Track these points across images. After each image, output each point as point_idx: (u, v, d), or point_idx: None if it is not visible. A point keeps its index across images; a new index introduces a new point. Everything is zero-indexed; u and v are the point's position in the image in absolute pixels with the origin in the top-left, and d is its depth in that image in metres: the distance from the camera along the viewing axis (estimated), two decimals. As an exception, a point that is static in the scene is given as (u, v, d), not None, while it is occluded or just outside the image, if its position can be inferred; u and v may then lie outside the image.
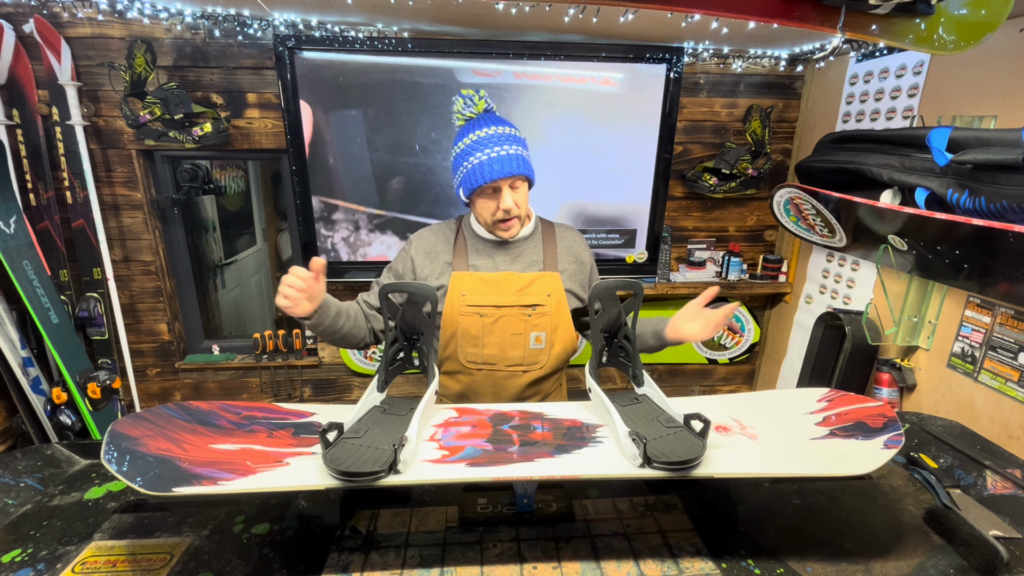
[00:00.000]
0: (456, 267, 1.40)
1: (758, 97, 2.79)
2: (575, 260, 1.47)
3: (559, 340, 1.43)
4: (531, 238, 1.45)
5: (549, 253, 1.44)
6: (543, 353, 1.42)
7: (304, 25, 2.31)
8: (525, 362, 1.42)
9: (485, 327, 1.38)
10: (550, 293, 1.40)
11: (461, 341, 1.40)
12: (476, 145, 1.30)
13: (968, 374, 1.84)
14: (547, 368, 1.44)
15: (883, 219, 1.78)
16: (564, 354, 1.46)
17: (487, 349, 1.40)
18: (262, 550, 1.00)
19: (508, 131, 1.32)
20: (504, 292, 1.38)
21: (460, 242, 1.44)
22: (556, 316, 1.41)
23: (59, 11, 2.32)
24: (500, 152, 1.28)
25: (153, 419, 1.03)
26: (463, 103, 1.35)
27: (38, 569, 0.94)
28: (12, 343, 2.31)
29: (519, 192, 1.34)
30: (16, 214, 2.30)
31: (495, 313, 1.38)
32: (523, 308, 1.38)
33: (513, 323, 1.39)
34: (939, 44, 1.45)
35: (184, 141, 2.38)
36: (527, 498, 1.11)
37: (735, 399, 1.30)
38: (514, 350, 1.40)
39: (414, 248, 1.44)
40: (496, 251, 1.43)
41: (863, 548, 1.01)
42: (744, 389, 3.40)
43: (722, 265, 2.91)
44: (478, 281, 1.39)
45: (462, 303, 1.38)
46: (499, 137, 1.30)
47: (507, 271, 1.41)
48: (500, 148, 1.28)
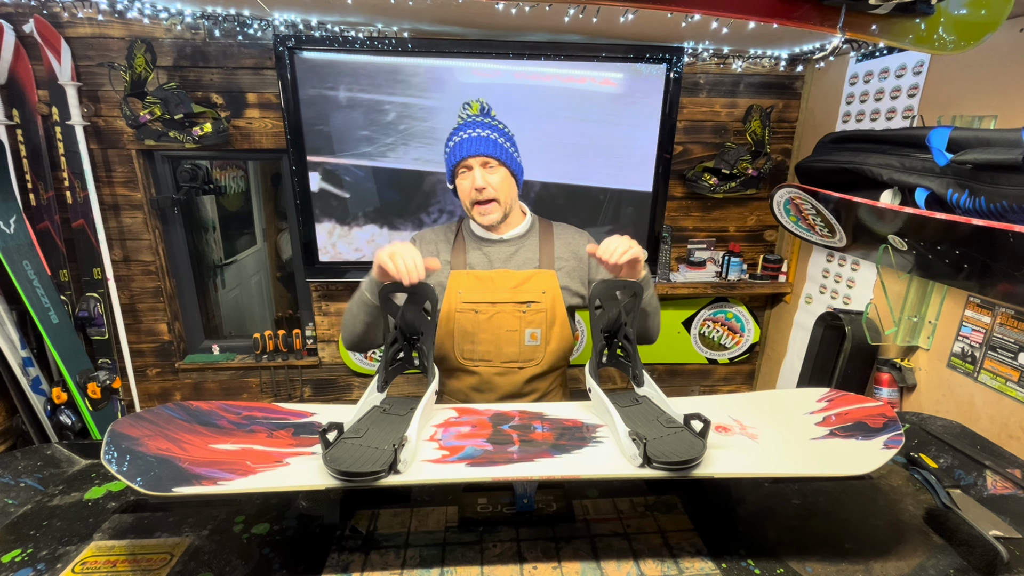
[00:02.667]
0: (454, 266, 1.43)
1: (758, 97, 2.79)
2: (573, 256, 1.47)
3: (555, 337, 1.43)
4: (527, 236, 1.47)
5: (545, 250, 1.45)
6: (539, 350, 1.43)
7: (304, 25, 2.31)
8: (521, 359, 1.43)
9: (479, 323, 1.40)
10: (545, 290, 1.41)
11: (457, 338, 1.42)
12: (456, 130, 1.39)
13: (968, 374, 1.84)
14: (544, 365, 1.45)
15: (883, 219, 1.78)
16: (560, 351, 1.46)
17: (482, 345, 1.42)
18: (262, 550, 1.00)
19: (487, 120, 1.39)
20: (499, 289, 1.40)
21: (459, 242, 1.47)
22: (551, 313, 1.42)
23: (59, 11, 2.32)
24: (472, 134, 1.35)
25: (153, 419, 1.03)
26: (462, 108, 1.44)
27: (38, 569, 0.94)
28: (12, 343, 2.31)
29: (495, 174, 1.36)
30: (16, 214, 2.30)
31: (490, 310, 1.39)
32: (517, 305, 1.40)
33: (507, 320, 1.40)
34: (939, 44, 1.45)
35: (184, 141, 2.38)
36: (527, 498, 1.11)
37: (735, 399, 1.30)
38: (509, 346, 1.41)
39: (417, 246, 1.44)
40: (492, 249, 1.45)
41: (863, 548, 1.01)
42: (744, 389, 3.40)
43: (722, 265, 2.91)
44: (474, 279, 1.41)
45: (458, 300, 1.40)
46: (475, 123, 1.37)
47: (502, 268, 1.43)
48: (473, 131, 1.35)
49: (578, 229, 1.53)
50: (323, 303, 2.89)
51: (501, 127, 1.40)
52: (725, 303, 3.13)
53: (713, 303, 3.12)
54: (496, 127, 1.38)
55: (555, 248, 1.46)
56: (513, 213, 1.45)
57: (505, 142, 1.38)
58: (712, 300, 3.11)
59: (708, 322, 3.16)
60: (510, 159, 1.38)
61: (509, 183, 1.40)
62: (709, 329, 3.17)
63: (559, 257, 1.46)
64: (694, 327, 3.16)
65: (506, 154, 1.37)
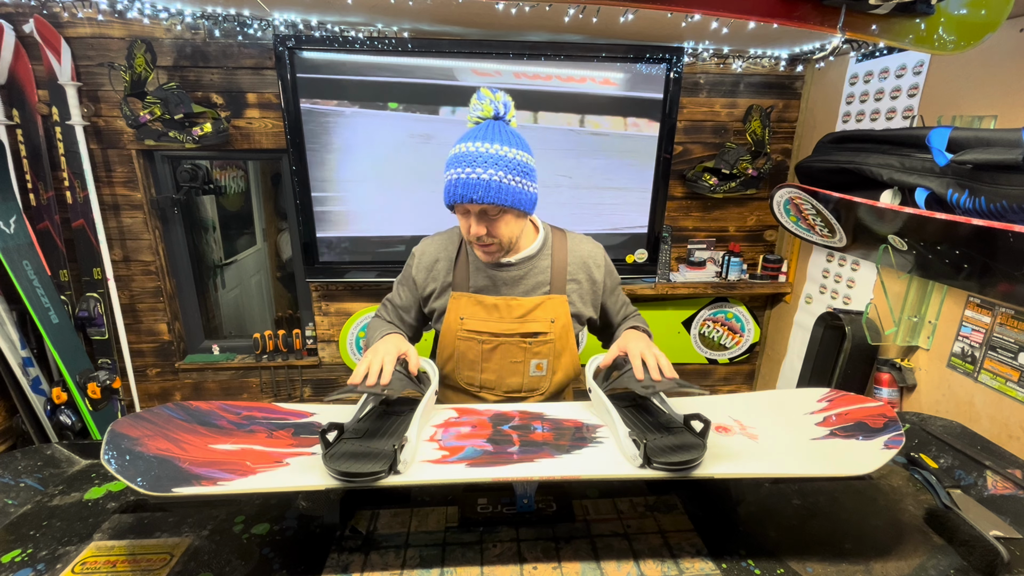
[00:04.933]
0: (456, 287, 1.32)
1: (758, 97, 2.79)
2: (587, 277, 1.35)
3: (561, 367, 1.36)
4: (538, 256, 1.32)
5: (557, 271, 1.31)
6: (544, 380, 1.37)
7: (304, 25, 2.31)
8: (524, 388, 1.37)
9: (483, 353, 1.32)
10: (554, 319, 1.30)
11: (459, 364, 1.36)
12: (454, 160, 1.15)
13: (968, 374, 1.84)
14: (547, 393, 1.39)
15: (883, 219, 1.77)
16: (566, 380, 1.40)
17: (485, 374, 1.36)
18: (262, 550, 1.00)
19: (496, 150, 1.13)
20: (504, 319, 1.29)
21: (462, 258, 1.33)
22: (560, 343, 1.33)
23: (59, 11, 2.32)
24: (471, 175, 1.11)
25: (153, 419, 1.03)
26: (475, 101, 1.19)
27: (38, 569, 0.94)
28: (12, 343, 2.31)
29: (497, 221, 1.17)
30: (16, 214, 2.30)
31: (494, 341, 1.31)
32: (523, 337, 1.30)
33: (512, 351, 1.32)
34: (939, 44, 1.45)
35: (184, 141, 2.38)
36: (527, 498, 1.11)
37: (735, 399, 1.30)
38: (513, 377, 1.35)
39: (415, 268, 1.36)
40: (498, 273, 1.31)
41: (863, 548, 1.01)
42: (744, 389, 3.40)
43: (722, 265, 2.91)
44: (477, 306, 1.30)
45: (460, 327, 1.31)
46: (479, 157, 1.12)
47: (509, 295, 1.31)
48: (473, 170, 1.11)
49: (594, 243, 1.39)
50: (323, 303, 2.89)
51: (510, 155, 1.14)
52: (725, 303, 3.13)
53: (713, 303, 3.12)
54: (502, 159, 1.13)
55: (568, 267, 1.33)
56: (523, 236, 1.29)
57: (513, 179, 1.14)
58: (712, 300, 3.11)
59: (708, 322, 3.16)
60: (516, 199, 1.15)
61: (514, 224, 1.21)
62: (709, 329, 3.17)
63: (572, 278, 1.33)
64: (694, 327, 3.16)
65: (511, 196, 1.14)
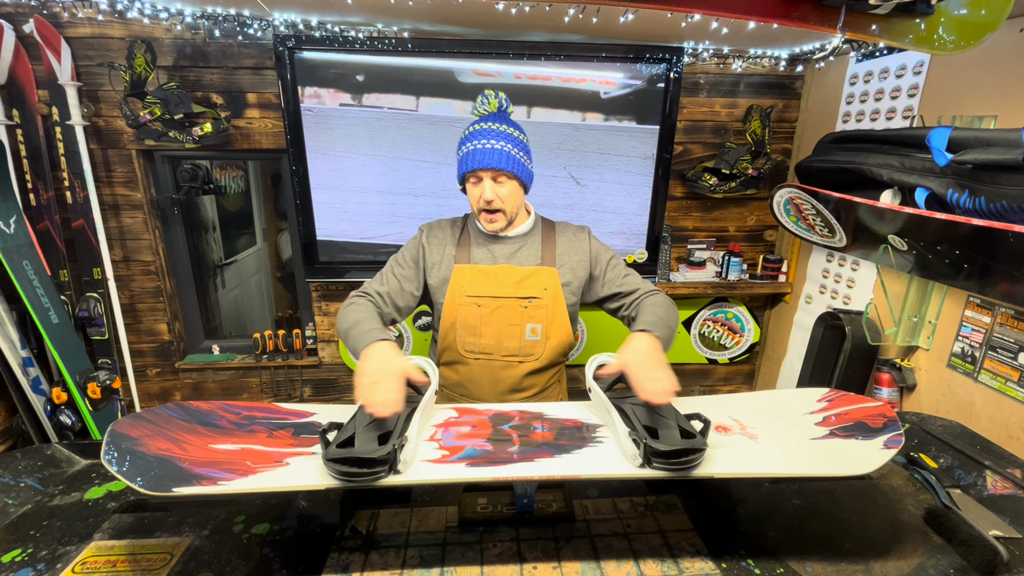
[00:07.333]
0: (459, 260, 1.47)
1: (758, 97, 2.79)
2: (574, 256, 1.49)
3: (555, 333, 1.47)
4: (530, 235, 1.50)
5: (547, 249, 1.48)
6: (539, 345, 1.47)
7: (304, 25, 2.31)
8: (521, 353, 1.46)
9: (483, 317, 1.44)
10: (546, 287, 1.44)
11: (460, 330, 1.46)
12: (470, 136, 1.38)
13: (968, 374, 1.84)
14: (543, 360, 1.48)
15: (883, 219, 1.78)
16: (560, 347, 1.50)
17: (484, 339, 1.46)
18: (262, 550, 1.00)
19: (504, 129, 1.37)
20: (502, 284, 1.44)
21: (465, 237, 1.50)
22: (552, 310, 1.45)
23: (59, 11, 2.32)
24: (487, 145, 1.35)
25: (153, 419, 1.03)
26: (480, 100, 1.43)
27: (38, 569, 0.94)
28: (12, 343, 2.31)
29: (504, 187, 1.38)
30: (16, 214, 2.30)
31: (492, 304, 1.44)
32: (520, 300, 1.44)
33: (509, 314, 1.44)
34: (939, 44, 1.45)
35: (184, 141, 2.38)
36: (527, 498, 1.11)
37: (735, 399, 1.30)
38: (510, 340, 1.45)
39: (425, 236, 1.50)
40: (496, 246, 1.48)
41: (863, 548, 1.01)
42: (744, 389, 3.40)
43: (722, 265, 2.91)
44: (478, 273, 1.45)
45: (462, 293, 1.44)
46: (492, 132, 1.36)
47: (506, 264, 1.46)
48: (488, 142, 1.35)
49: (578, 227, 1.54)
50: (323, 303, 2.89)
51: (515, 135, 1.40)
52: (725, 303, 3.13)
53: (713, 303, 3.12)
54: (510, 136, 1.38)
55: (557, 247, 1.49)
56: (518, 214, 1.47)
57: (518, 153, 1.38)
58: (712, 300, 3.11)
59: (708, 322, 3.16)
60: (521, 171, 1.39)
61: (517, 193, 1.42)
62: (709, 329, 3.17)
63: (560, 256, 1.48)
64: (694, 327, 3.16)
65: (518, 166, 1.38)
